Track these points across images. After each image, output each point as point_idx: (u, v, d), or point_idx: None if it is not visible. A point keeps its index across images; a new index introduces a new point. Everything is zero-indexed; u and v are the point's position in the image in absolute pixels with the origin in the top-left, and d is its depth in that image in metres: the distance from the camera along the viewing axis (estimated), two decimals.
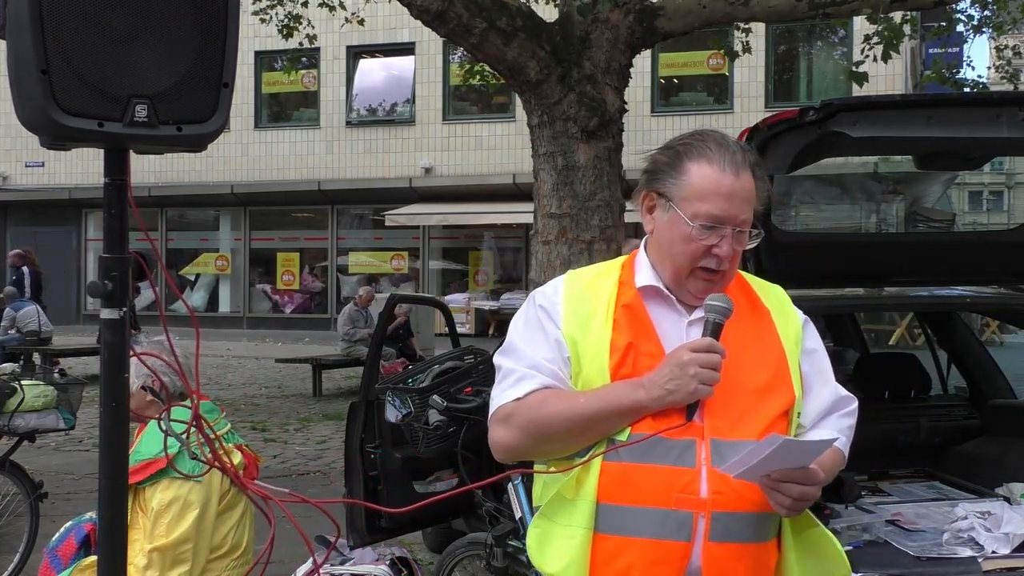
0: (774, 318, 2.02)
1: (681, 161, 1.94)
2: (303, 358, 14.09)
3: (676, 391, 1.81)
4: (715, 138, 1.95)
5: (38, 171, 23.85)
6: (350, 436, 4.58)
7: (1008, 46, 12.20)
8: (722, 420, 1.86)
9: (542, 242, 7.57)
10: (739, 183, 1.90)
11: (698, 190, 1.90)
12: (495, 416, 1.96)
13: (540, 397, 1.90)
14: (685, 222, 1.90)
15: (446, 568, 4.41)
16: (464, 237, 22.36)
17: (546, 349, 1.94)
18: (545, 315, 1.97)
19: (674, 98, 20.66)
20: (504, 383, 1.96)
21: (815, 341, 2.07)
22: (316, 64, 21.95)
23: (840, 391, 2.06)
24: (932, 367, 4.64)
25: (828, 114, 2.89)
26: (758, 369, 1.93)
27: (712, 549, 1.83)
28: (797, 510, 1.85)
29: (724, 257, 1.90)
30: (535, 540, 1.96)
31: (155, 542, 3.14)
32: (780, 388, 1.93)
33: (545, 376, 1.92)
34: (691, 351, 1.82)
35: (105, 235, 1.90)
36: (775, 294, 2.09)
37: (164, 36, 1.79)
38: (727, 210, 1.88)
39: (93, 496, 2.22)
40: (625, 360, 1.89)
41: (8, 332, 13.67)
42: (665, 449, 1.84)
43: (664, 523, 1.83)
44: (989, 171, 42.11)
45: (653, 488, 1.83)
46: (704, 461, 1.84)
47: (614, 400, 1.84)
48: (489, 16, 7.04)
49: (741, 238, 1.92)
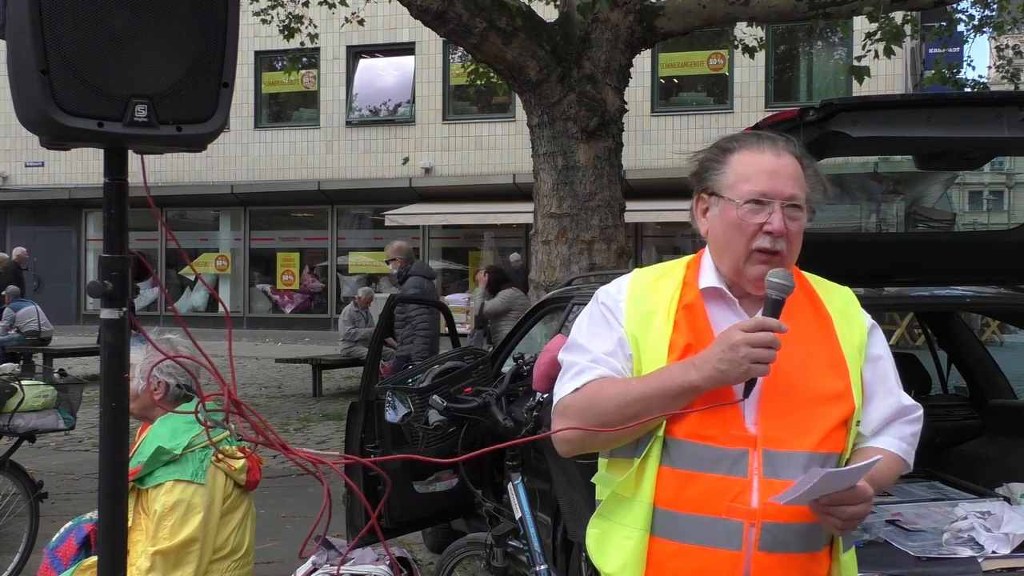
0: (836, 323, 2.00)
1: (725, 155, 1.98)
2: (303, 358, 14.09)
3: (728, 370, 1.79)
4: (756, 132, 2.02)
5: (38, 171, 23.84)
6: (350, 436, 4.58)
7: (1008, 46, 12.20)
8: (777, 430, 1.85)
9: (542, 242, 7.58)
10: (780, 161, 1.93)
11: (741, 173, 1.93)
12: (556, 410, 1.98)
13: (596, 385, 1.91)
14: (733, 204, 1.92)
15: (446, 568, 4.41)
16: (464, 237, 22.35)
17: (608, 344, 1.96)
18: (609, 312, 1.99)
19: (674, 98, 20.65)
20: (565, 377, 1.98)
21: (881, 348, 2.04)
22: (316, 64, 21.95)
23: (904, 399, 2.04)
24: (932, 367, 4.64)
25: (828, 114, 2.89)
26: (819, 376, 1.92)
27: (762, 559, 1.83)
28: (850, 529, 1.87)
29: (777, 232, 1.89)
30: (595, 540, 1.99)
31: (158, 545, 3.13)
32: (842, 397, 1.91)
33: (605, 368, 1.93)
34: (743, 330, 1.81)
35: (105, 235, 1.90)
36: (841, 297, 2.07)
37: (164, 36, 1.79)
38: (771, 185, 1.90)
39: (93, 496, 2.23)
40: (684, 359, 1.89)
41: (8, 332, 13.67)
42: (717, 458, 1.84)
43: (714, 531, 1.83)
44: (989, 171, 42.12)
45: (705, 496, 1.84)
46: (756, 471, 1.84)
47: (666, 380, 1.84)
48: (489, 16, 7.04)
49: (794, 215, 1.92)
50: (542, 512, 3.96)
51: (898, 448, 1.97)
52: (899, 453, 1.98)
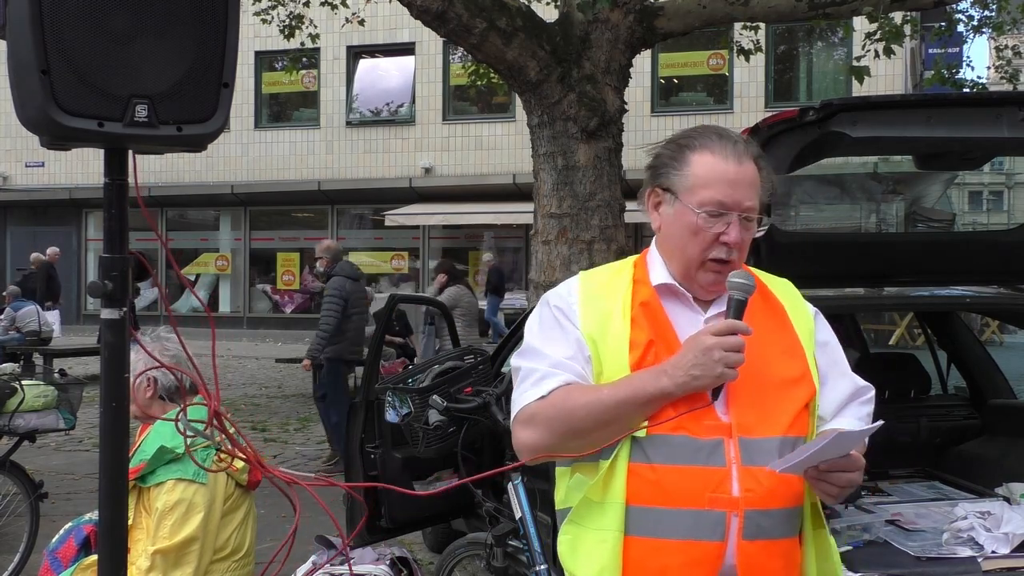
0: (788, 311, 2.02)
1: (684, 153, 1.95)
2: (303, 358, 14.06)
3: (701, 376, 1.80)
4: (716, 130, 1.97)
5: (38, 171, 23.84)
6: (350, 436, 4.58)
7: (1008, 46, 12.19)
8: (749, 416, 1.86)
9: (542, 242, 7.58)
10: (742, 170, 1.91)
11: (701, 179, 1.91)
12: (518, 418, 1.94)
13: (563, 393, 1.88)
14: (691, 211, 1.90)
15: (446, 568, 4.41)
16: (464, 237, 22.35)
17: (566, 347, 1.93)
18: (562, 315, 1.96)
19: (674, 98, 20.65)
20: (525, 383, 1.94)
21: (827, 333, 2.07)
22: (316, 64, 21.94)
23: (857, 381, 2.06)
24: (932, 367, 4.64)
25: (828, 114, 2.89)
26: (782, 361, 1.94)
27: (746, 547, 1.83)
28: (843, 497, 1.88)
29: (733, 244, 1.90)
30: (567, 546, 1.95)
31: (158, 544, 3.13)
32: (803, 380, 1.94)
33: (568, 374, 1.91)
34: (714, 334, 1.81)
35: (105, 235, 1.90)
36: (784, 287, 2.09)
37: (164, 36, 1.79)
38: (731, 195, 1.89)
39: (93, 496, 2.23)
40: (646, 357, 1.88)
41: (8, 332, 13.68)
42: (694, 449, 1.84)
43: (698, 524, 1.83)
44: (989, 171, 42.12)
45: (685, 489, 1.83)
46: (734, 459, 1.84)
47: (639, 387, 1.83)
48: (489, 16, 7.04)
49: (748, 226, 1.92)
50: (542, 512, 3.96)
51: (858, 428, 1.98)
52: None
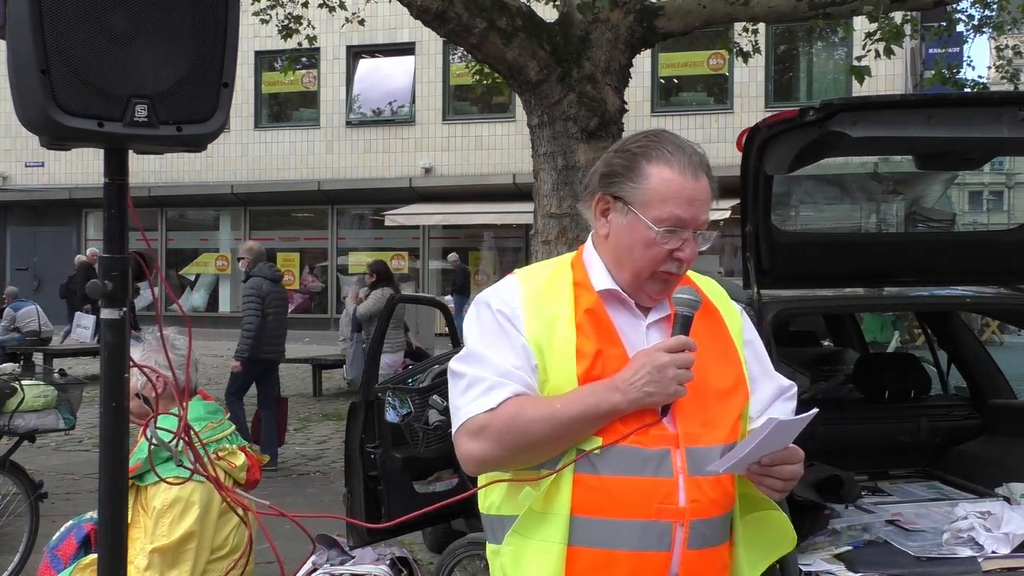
0: (722, 313, 2.02)
1: (639, 164, 1.91)
2: (303, 358, 14.09)
3: (655, 393, 1.80)
4: (671, 139, 1.93)
5: (38, 171, 23.84)
6: (350, 436, 4.58)
7: (1008, 46, 12.20)
8: (694, 425, 1.86)
9: (542, 242, 7.57)
10: (699, 186, 1.89)
11: (660, 194, 1.88)
12: (465, 428, 1.87)
13: (514, 406, 1.83)
14: (647, 226, 1.87)
15: (446, 568, 4.41)
16: (464, 237, 22.35)
17: (513, 356, 1.87)
18: (506, 320, 1.91)
19: (674, 98, 20.65)
20: (471, 392, 1.87)
21: (752, 332, 2.08)
22: (316, 64, 21.95)
23: (781, 380, 2.07)
24: (932, 367, 4.64)
25: (828, 114, 2.89)
26: (721, 371, 1.94)
27: (690, 556, 1.83)
28: (787, 491, 1.88)
29: (687, 260, 1.90)
30: (510, 558, 1.92)
31: (156, 542, 3.13)
32: (739, 387, 1.95)
33: (517, 384, 1.85)
34: (666, 351, 1.81)
35: (105, 235, 1.90)
36: (713, 288, 2.08)
37: (164, 36, 1.79)
38: (690, 212, 1.87)
39: (93, 496, 2.23)
40: (594, 366, 1.86)
41: (8, 332, 13.68)
42: (642, 460, 1.82)
43: (645, 535, 1.82)
44: (989, 171, 42.12)
45: (633, 500, 1.82)
46: (680, 469, 1.83)
47: (591, 404, 1.81)
48: (489, 16, 7.04)
49: (699, 241, 1.92)
50: None
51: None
52: None
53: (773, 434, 1.76)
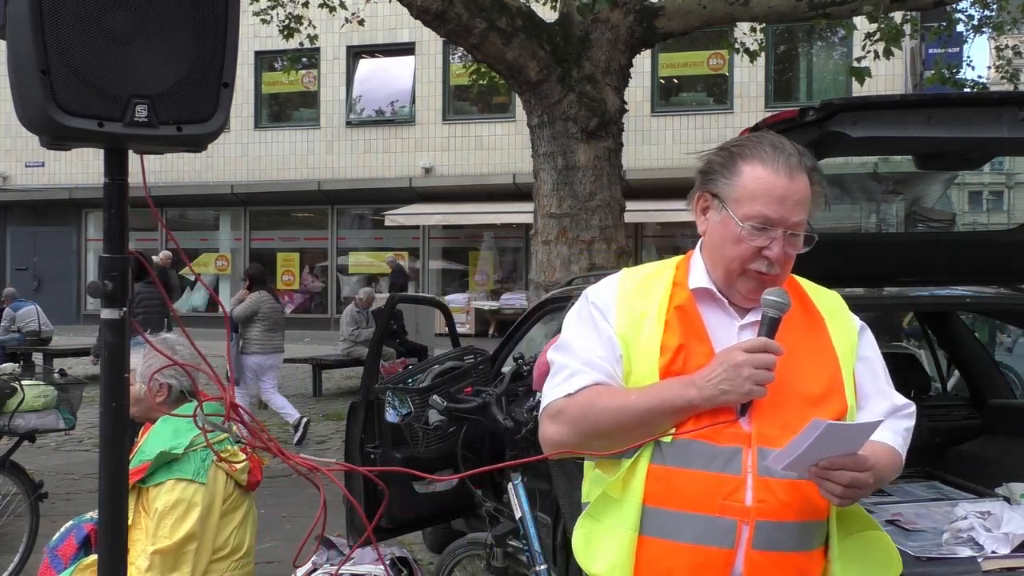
0: (828, 324, 1.99)
1: (735, 162, 1.93)
2: (303, 358, 14.09)
3: (729, 391, 1.80)
4: (771, 140, 1.94)
5: (38, 171, 23.84)
6: (350, 436, 4.58)
7: (1008, 46, 12.20)
8: (771, 427, 1.84)
9: (542, 242, 7.58)
10: (793, 185, 1.88)
11: (750, 191, 1.89)
12: (546, 411, 1.96)
13: (592, 393, 1.89)
14: (736, 223, 1.89)
15: (446, 568, 4.41)
16: (464, 237, 22.35)
17: (599, 347, 1.94)
18: (599, 313, 1.97)
19: (674, 98, 20.65)
20: (556, 379, 1.96)
21: (870, 349, 2.04)
22: (316, 64, 21.95)
23: (897, 399, 2.03)
24: (932, 367, 4.64)
25: (828, 114, 2.89)
26: (812, 376, 1.91)
27: (755, 557, 1.82)
28: (850, 498, 1.82)
29: (775, 259, 1.88)
30: (581, 540, 1.96)
31: (158, 544, 3.13)
32: (833, 397, 1.90)
33: (598, 373, 1.91)
34: (745, 351, 1.81)
35: (105, 235, 1.90)
36: (830, 299, 2.06)
37: (164, 36, 1.79)
38: (779, 212, 1.87)
39: (93, 496, 2.23)
40: (675, 360, 1.88)
41: (8, 332, 13.68)
42: (712, 455, 1.83)
43: (708, 529, 1.82)
44: (989, 171, 42.10)
45: (698, 494, 1.83)
46: (750, 468, 1.83)
47: (667, 398, 1.83)
48: (489, 16, 7.04)
49: (794, 241, 1.90)
50: (542, 512, 3.96)
51: (893, 441, 1.97)
52: (895, 446, 1.97)
53: (826, 437, 1.72)
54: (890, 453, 1.95)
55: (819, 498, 1.86)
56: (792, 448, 1.76)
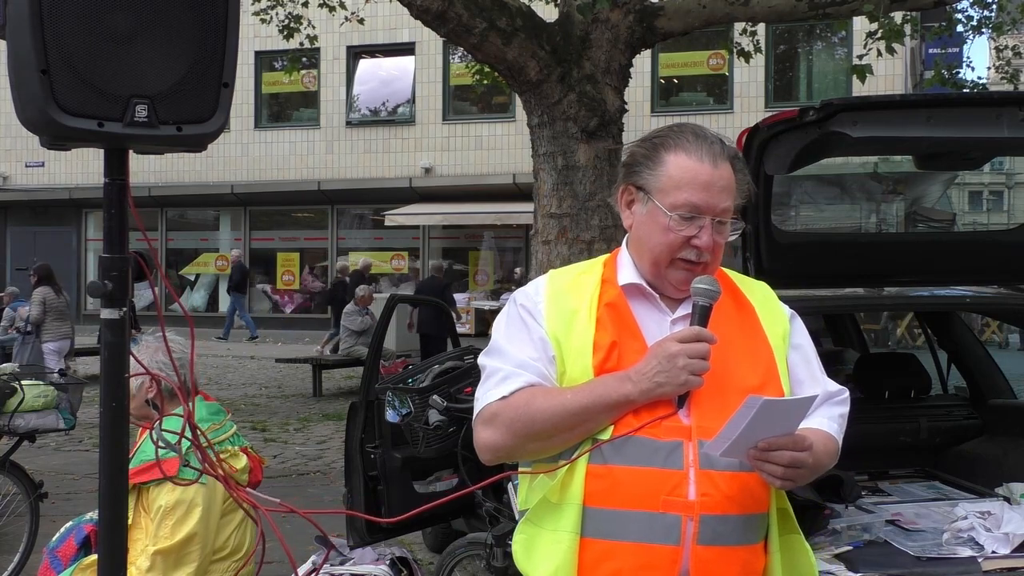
0: (760, 314, 1.99)
1: (659, 153, 1.92)
2: (303, 358, 14.09)
3: (665, 383, 1.78)
4: (692, 129, 1.94)
5: (38, 171, 23.84)
6: (350, 436, 4.58)
7: (1008, 46, 12.19)
8: (711, 420, 1.82)
9: (542, 242, 7.57)
10: (717, 172, 1.88)
11: (676, 180, 1.88)
12: (480, 417, 1.91)
13: (526, 395, 1.86)
14: (663, 212, 1.88)
15: (446, 568, 4.41)
16: (464, 237, 22.36)
17: (531, 348, 1.91)
18: (528, 314, 1.94)
19: (674, 98, 20.65)
20: (488, 383, 1.92)
21: (802, 337, 2.04)
22: (316, 64, 21.95)
23: (830, 385, 2.03)
24: (932, 367, 4.64)
25: (828, 114, 2.89)
26: (748, 367, 1.90)
27: (701, 552, 1.80)
28: (791, 480, 1.80)
29: (704, 248, 1.87)
30: (521, 546, 1.94)
31: (158, 544, 3.13)
32: (769, 386, 1.89)
33: (531, 375, 1.88)
34: (679, 341, 1.79)
35: (105, 235, 1.90)
36: (760, 290, 2.06)
37: (164, 36, 1.79)
38: (705, 199, 1.86)
39: (93, 496, 2.23)
40: (609, 358, 1.86)
41: (8, 332, 13.66)
42: (652, 450, 1.81)
43: (652, 527, 1.79)
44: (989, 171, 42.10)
45: (640, 491, 1.80)
46: (692, 463, 1.80)
47: (602, 394, 1.81)
48: (489, 16, 7.04)
49: (722, 229, 1.89)
50: None
51: (828, 427, 1.96)
52: (830, 432, 1.97)
53: (763, 415, 1.70)
54: (826, 438, 1.94)
55: (760, 490, 1.85)
56: (730, 430, 1.73)
